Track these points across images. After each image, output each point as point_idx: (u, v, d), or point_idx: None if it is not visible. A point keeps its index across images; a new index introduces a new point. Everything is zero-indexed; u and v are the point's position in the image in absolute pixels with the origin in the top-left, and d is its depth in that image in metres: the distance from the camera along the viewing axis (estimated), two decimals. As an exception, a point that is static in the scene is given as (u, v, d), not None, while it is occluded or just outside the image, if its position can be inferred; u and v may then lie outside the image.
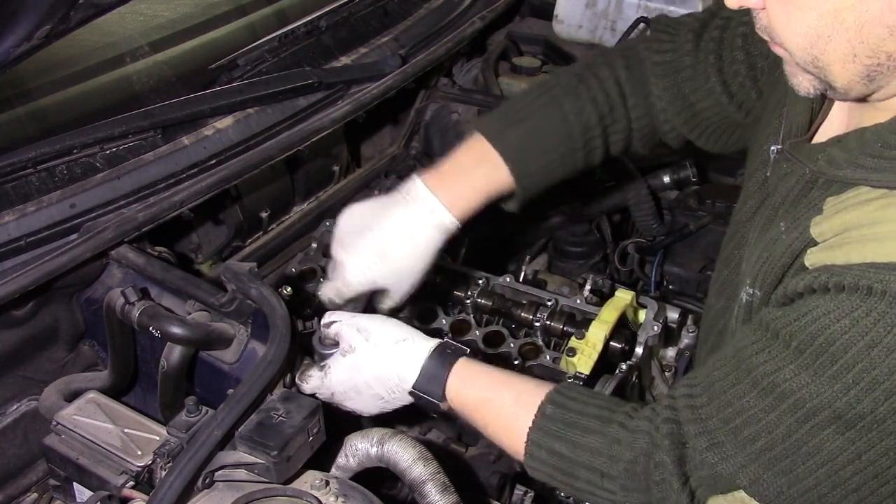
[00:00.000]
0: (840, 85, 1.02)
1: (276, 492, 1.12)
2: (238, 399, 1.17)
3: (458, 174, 1.43)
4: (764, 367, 1.01)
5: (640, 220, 2.19)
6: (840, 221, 1.02)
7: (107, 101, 1.73)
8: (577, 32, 2.55)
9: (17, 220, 1.43)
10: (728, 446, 1.03)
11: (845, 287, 0.95)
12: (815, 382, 0.96)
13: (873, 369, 0.92)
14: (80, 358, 1.58)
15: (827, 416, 0.96)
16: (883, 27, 0.93)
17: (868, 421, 0.93)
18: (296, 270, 1.80)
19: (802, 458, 0.98)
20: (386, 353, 1.29)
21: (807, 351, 0.97)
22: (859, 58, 0.97)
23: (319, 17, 2.03)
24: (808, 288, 0.99)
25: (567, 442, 1.16)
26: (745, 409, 1.02)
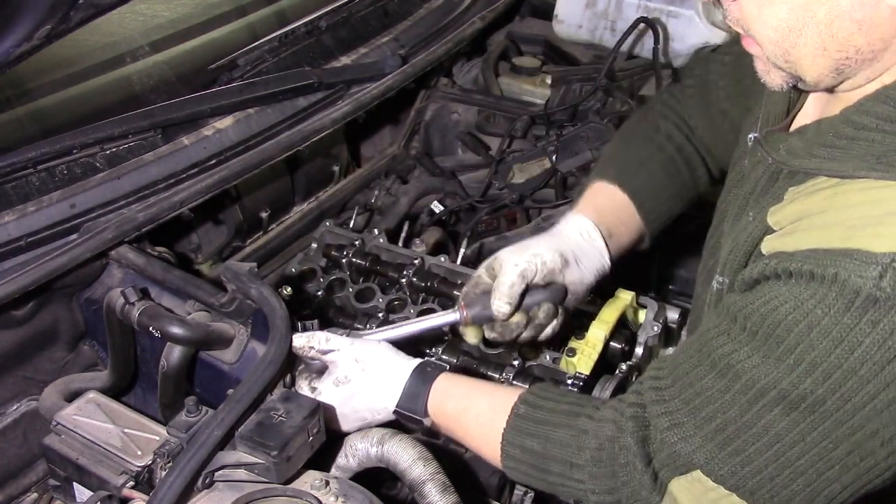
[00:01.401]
0: (810, 78, 1.05)
1: (276, 492, 1.12)
2: (238, 399, 1.17)
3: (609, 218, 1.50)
4: (722, 349, 1.04)
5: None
6: (794, 210, 1.06)
7: (107, 101, 1.74)
8: (577, 32, 2.55)
9: (17, 220, 1.43)
10: (688, 426, 1.05)
11: (792, 273, 0.98)
12: (765, 364, 0.99)
13: (812, 350, 0.95)
14: (80, 358, 1.58)
15: (774, 396, 0.98)
16: (852, 22, 0.96)
17: (810, 402, 0.96)
18: (296, 270, 1.80)
19: (753, 438, 1.01)
20: (376, 380, 1.31)
21: (759, 333, 1.00)
22: (829, 51, 1.00)
23: (319, 17, 2.03)
24: (762, 274, 1.03)
25: (538, 438, 1.19)
26: (704, 390, 1.05)
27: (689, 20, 2.40)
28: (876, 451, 0.97)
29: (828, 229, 0.98)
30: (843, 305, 0.93)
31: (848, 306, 0.92)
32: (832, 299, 0.94)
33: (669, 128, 1.60)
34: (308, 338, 1.31)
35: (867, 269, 0.91)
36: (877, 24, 0.97)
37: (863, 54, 1.00)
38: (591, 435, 1.14)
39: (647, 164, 1.57)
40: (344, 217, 2.00)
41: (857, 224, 0.96)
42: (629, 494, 1.11)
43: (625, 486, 1.11)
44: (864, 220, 0.96)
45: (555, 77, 2.38)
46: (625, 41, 2.32)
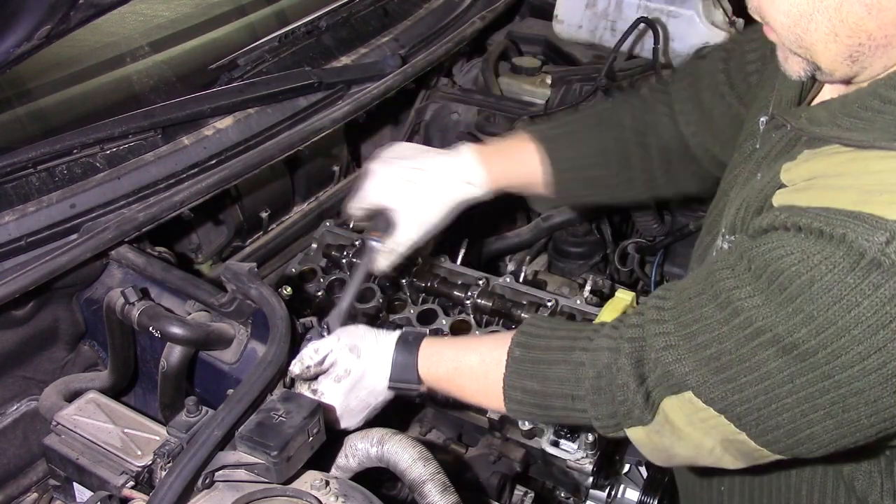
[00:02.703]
0: (825, 65, 1.06)
1: (276, 492, 1.12)
2: (238, 399, 1.17)
3: (500, 153, 1.54)
4: (726, 283, 1.06)
5: (640, 220, 2.19)
6: (808, 168, 1.08)
7: (107, 101, 1.74)
8: (577, 32, 2.55)
9: (17, 220, 1.43)
10: (682, 349, 1.09)
11: (801, 227, 1.00)
12: (765, 306, 1.01)
13: (811, 303, 0.97)
14: (80, 358, 1.58)
15: (769, 337, 1.01)
16: (861, 6, 0.98)
17: (801, 351, 0.98)
18: (296, 270, 1.80)
19: (745, 371, 1.04)
20: (371, 363, 1.33)
21: (763, 276, 1.02)
22: (840, 37, 1.01)
23: (319, 18, 2.03)
24: (772, 225, 1.05)
25: (537, 378, 1.22)
26: (703, 318, 1.08)
27: (689, 20, 2.40)
28: (859, 407, 0.99)
29: (842, 191, 1.00)
30: (847, 265, 0.94)
31: (852, 267, 0.94)
32: (838, 258, 0.95)
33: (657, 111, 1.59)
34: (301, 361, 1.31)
35: (875, 234, 0.93)
36: (886, 8, 0.97)
37: (875, 40, 1.00)
38: (589, 365, 1.18)
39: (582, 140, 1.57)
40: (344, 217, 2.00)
41: (873, 190, 0.97)
42: (624, 413, 1.15)
43: (621, 405, 1.15)
44: (880, 186, 0.97)
45: (555, 77, 2.38)
46: (625, 41, 2.32)
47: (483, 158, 1.51)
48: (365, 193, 1.51)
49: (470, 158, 1.51)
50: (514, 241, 2.20)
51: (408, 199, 1.48)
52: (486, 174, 1.51)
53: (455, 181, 1.50)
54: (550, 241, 2.25)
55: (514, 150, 1.56)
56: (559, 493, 1.62)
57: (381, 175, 1.50)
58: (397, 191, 1.49)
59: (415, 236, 1.49)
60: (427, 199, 1.49)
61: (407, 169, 1.50)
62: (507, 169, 1.54)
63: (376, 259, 1.50)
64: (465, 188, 1.50)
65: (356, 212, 1.53)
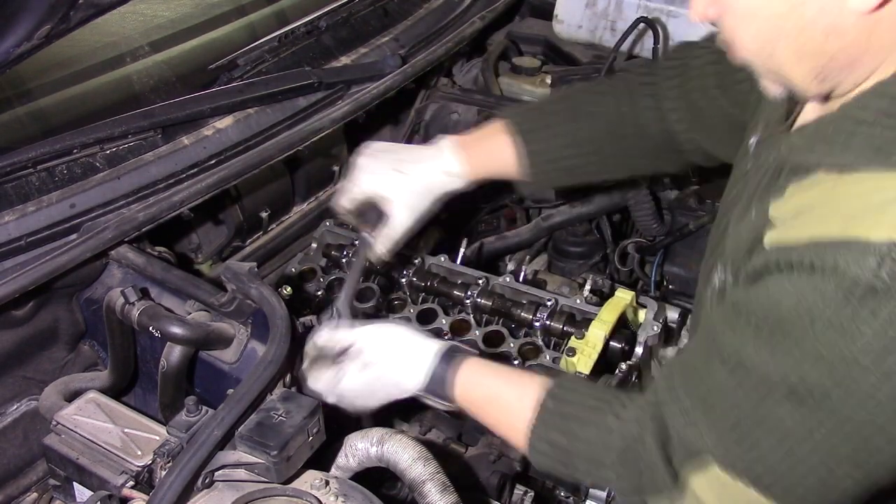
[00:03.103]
0: (797, 85, 1.07)
1: (276, 492, 1.12)
2: (238, 399, 1.17)
3: (477, 143, 1.57)
4: (730, 344, 1.05)
5: (640, 220, 2.19)
6: (795, 203, 1.07)
7: (107, 101, 1.74)
8: (577, 32, 2.55)
9: (17, 220, 1.43)
10: (703, 424, 1.06)
11: (793, 264, 0.98)
12: (772, 358, 0.99)
13: (816, 342, 0.95)
14: (80, 358, 1.58)
15: (783, 391, 0.99)
16: (819, 31, 0.99)
17: (817, 396, 0.96)
18: (296, 270, 1.80)
19: (765, 433, 1.01)
20: (399, 358, 1.32)
21: (764, 327, 1.00)
22: (804, 60, 1.02)
23: (319, 17, 2.03)
24: (765, 267, 1.03)
25: (566, 434, 1.20)
26: (715, 386, 1.06)
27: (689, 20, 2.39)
28: (883, 447, 0.97)
29: (827, 220, 0.99)
30: (843, 296, 0.93)
31: (848, 297, 0.92)
32: (832, 290, 0.94)
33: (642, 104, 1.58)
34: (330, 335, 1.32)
35: (865, 259, 0.92)
36: (844, 31, 0.98)
37: (838, 61, 1.01)
38: (617, 434, 1.16)
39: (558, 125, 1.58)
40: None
41: (856, 213, 0.96)
42: (653, 492, 1.13)
43: (649, 483, 1.12)
44: (862, 209, 0.96)
45: (555, 77, 2.38)
46: (625, 41, 2.32)
47: (461, 150, 1.55)
48: (355, 185, 1.52)
49: (449, 150, 1.55)
50: (514, 241, 2.20)
51: (398, 187, 1.51)
52: (464, 166, 1.54)
53: (437, 172, 1.53)
54: (550, 240, 2.25)
55: (491, 141, 1.58)
56: (559, 492, 1.62)
57: (369, 166, 1.53)
58: (386, 179, 1.51)
59: (408, 222, 1.52)
60: (415, 186, 1.52)
61: (392, 160, 1.53)
62: (484, 161, 1.56)
63: (374, 248, 1.52)
64: (446, 179, 1.54)
65: (347, 204, 1.54)
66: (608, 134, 1.57)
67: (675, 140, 1.58)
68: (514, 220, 2.31)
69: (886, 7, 0.95)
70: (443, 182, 1.54)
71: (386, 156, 1.54)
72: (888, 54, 1.00)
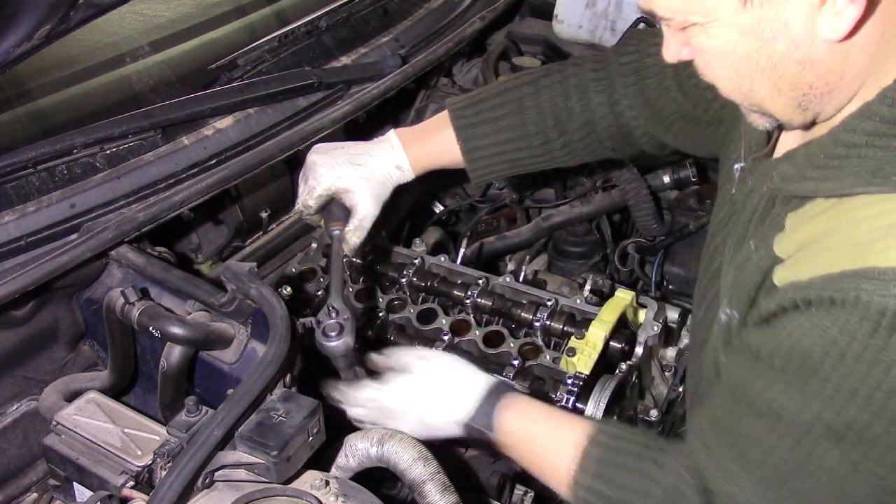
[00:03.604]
0: (779, 116, 1.08)
1: (276, 492, 1.12)
2: (238, 399, 1.17)
3: (422, 138, 1.63)
4: (755, 390, 1.04)
5: (640, 220, 2.19)
6: (798, 237, 1.06)
7: (107, 101, 1.74)
8: (577, 32, 2.55)
9: (17, 220, 1.43)
10: (741, 475, 1.05)
11: (811, 302, 0.97)
12: (803, 398, 0.98)
13: (849, 376, 0.94)
14: (80, 358, 1.58)
15: (819, 430, 0.97)
16: (794, 63, 0.99)
17: (857, 430, 0.95)
18: (296, 270, 1.80)
19: (806, 475, 1.00)
20: (449, 384, 1.33)
21: (789, 368, 0.99)
22: (783, 91, 1.03)
23: (319, 17, 2.02)
24: (780, 307, 1.02)
25: (608, 482, 1.18)
26: (749, 437, 1.04)
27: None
28: None
29: (837, 251, 0.98)
30: (869, 327, 0.92)
31: (875, 327, 0.92)
32: (857, 322, 0.93)
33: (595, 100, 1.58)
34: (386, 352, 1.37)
35: (887, 287, 0.91)
36: (819, 61, 0.99)
37: (818, 89, 1.02)
38: (658, 485, 1.14)
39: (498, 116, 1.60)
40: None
41: (865, 241, 0.96)
42: None
43: None
44: (870, 235, 0.96)
45: (555, 77, 2.38)
46: (625, 41, 2.32)
47: (407, 144, 1.60)
48: (317, 182, 1.55)
49: (397, 144, 1.60)
50: (514, 241, 2.20)
51: (358, 178, 1.55)
52: (412, 159, 1.60)
53: (390, 165, 1.59)
54: (550, 240, 2.25)
55: (438, 135, 1.62)
56: (559, 492, 1.62)
57: (326, 163, 1.56)
58: (346, 172, 1.55)
59: (375, 210, 1.56)
60: (375, 176, 1.57)
61: (347, 155, 1.57)
62: (430, 155, 1.62)
63: (347, 241, 1.55)
64: (397, 172, 1.60)
65: (313, 202, 1.56)
66: (555, 127, 1.59)
67: (629, 134, 1.60)
68: (514, 220, 2.31)
69: (858, 33, 0.96)
70: (396, 175, 1.60)
71: (339, 152, 1.58)
72: (867, 76, 1.01)
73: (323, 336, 1.32)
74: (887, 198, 0.97)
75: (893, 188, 0.96)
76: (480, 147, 1.60)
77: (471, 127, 1.60)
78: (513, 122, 1.60)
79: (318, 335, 1.33)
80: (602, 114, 1.58)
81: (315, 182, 1.55)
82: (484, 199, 2.29)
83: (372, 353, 1.41)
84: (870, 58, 0.99)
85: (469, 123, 1.60)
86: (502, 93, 1.62)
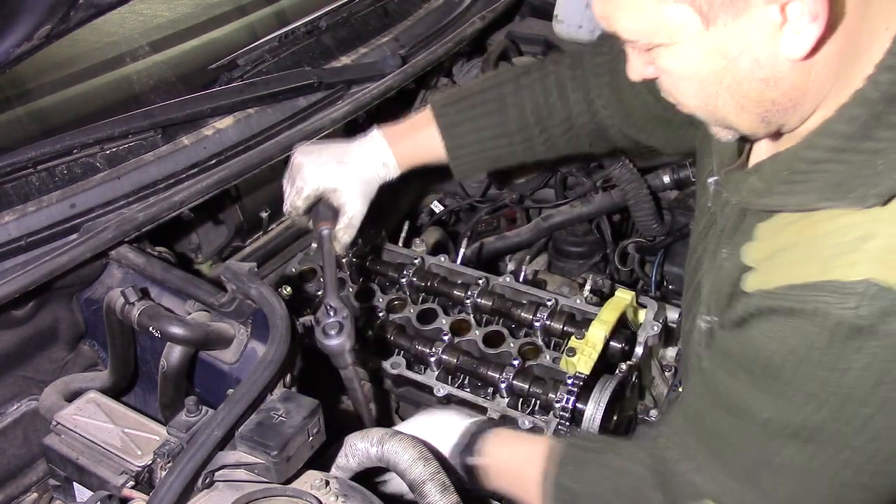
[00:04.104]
0: (744, 131, 1.10)
1: (276, 492, 1.12)
2: (238, 399, 1.17)
3: (406, 135, 1.64)
4: (727, 390, 1.08)
5: (640, 220, 2.19)
6: (768, 247, 1.10)
7: (107, 101, 1.74)
8: (577, 32, 2.55)
9: (17, 220, 1.43)
10: (712, 468, 1.08)
11: (775, 310, 1.02)
12: (768, 399, 1.02)
13: (807, 382, 0.98)
14: (80, 358, 1.58)
15: (786, 432, 1.01)
16: (758, 81, 1.01)
17: (818, 433, 0.99)
18: (296, 270, 1.80)
19: (774, 473, 1.04)
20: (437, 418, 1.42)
21: (756, 371, 1.03)
22: (748, 108, 1.05)
23: (319, 17, 2.02)
24: (747, 312, 1.07)
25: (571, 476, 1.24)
26: (720, 432, 1.08)
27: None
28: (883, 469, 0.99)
29: (803, 263, 1.02)
30: (827, 337, 0.96)
31: (832, 337, 0.96)
32: (815, 333, 0.97)
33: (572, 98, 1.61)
34: None
35: (845, 301, 0.95)
36: (781, 78, 1.01)
37: (781, 105, 1.04)
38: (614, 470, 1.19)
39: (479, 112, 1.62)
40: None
41: (830, 255, 0.99)
42: None
43: None
44: (834, 249, 0.99)
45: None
46: (625, 41, 2.32)
47: (391, 142, 1.62)
48: (304, 183, 1.56)
49: (381, 141, 1.62)
50: (514, 241, 2.20)
51: (345, 177, 1.56)
52: (397, 157, 1.61)
53: (375, 163, 1.60)
54: (550, 240, 2.25)
55: (421, 133, 1.64)
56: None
57: (313, 163, 1.57)
58: (333, 171, 1.56)
59: (363, 209, 1.58)
60: (361, 174, 1.58)
61: (332, 154, 1.58)
62: (413, 151, 1.64)
63: (338, 240, 1.56)
64: (383, 170, 1.61)
65: (301, 203, 1.58)
66: (537, 125, 1.62)
67: (605, 131, 1.63)
68: (514, 220, 2.31)
69: (820, 52, 0.98)
70: (381, 172, 1.61)
71: (324, 152, 1.59)
72: (829, 90, 1.03)
73: (323, 335, 1.33)
74: (849, 213, 1.00)
75: (854, 203, 0.99)
76: (463, 145, 1.63)
77: (454, 126, 1.62)
78: (494, 120, 1.62)
79: (317, 334, 1.33)
80: (579, 111, 1.61)
81: (302, 183, 1.57)
82: (484, 199, 2.29)
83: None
84: (832, 73, 1.01)
85: (452, 122, 1.62)
86: (484, 91, 1.64)
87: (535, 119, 1.61)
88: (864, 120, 0.99)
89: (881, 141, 0.99)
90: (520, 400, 1.52)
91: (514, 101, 1.62)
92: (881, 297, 0.93)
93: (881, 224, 0.97)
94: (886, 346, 0.93)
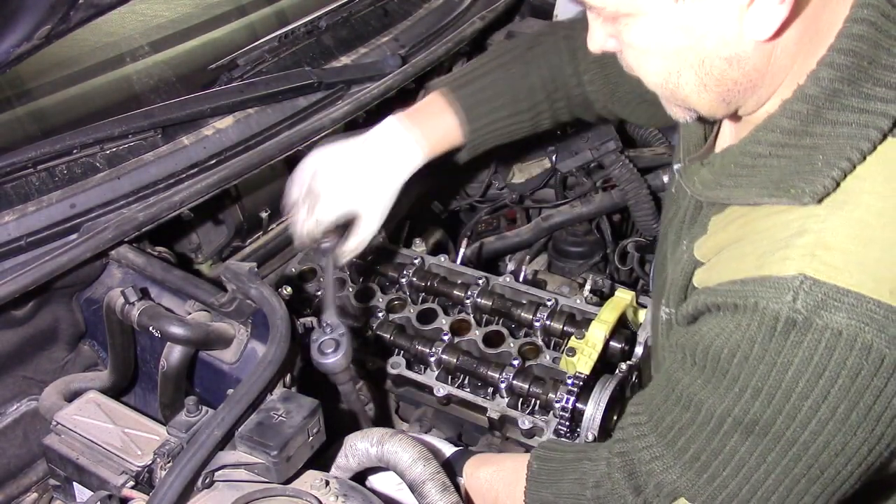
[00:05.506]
0: (703, 111, 1.10)
1: (276, 492, 1.12)
2: (238, 399, 1.17)
3: (424, 119, 1.56)
4: (682, 383, 1.09)
5: (640, 219, 2.19)
6: (716, 241, 1.12)
7: (107, 101, 1.74)
8: (576, 32, 2.55)
9: (17, 220, 1.43)
10: (667, 458, 1.10)
11: (719, 306, 1.04)
12: (718, 393, 1.03)
13: (752, 376, 0.99)
14: (80, 358, 1.58)
15: (731, 423, 1.03)
16: (721, 60, 1.02)
17: (762, 425, 1.00)
18: (296, 270, 1.80)
19: (723, 464, 1.05)
20: None
21: (706, 366, 1.05)
22: (709, 87, 1.05)
23: (319, 17, 2.02)
24: (696, 308, 1.09)
25: (551, 487, 1.26)
26: (675, 423, 1.10)
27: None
28: (833, 461, 1.00)
29: (742, 259, 1.04)
30: (767, 332, 0.98)
31: (771, 332, 0.97)
32: (756, 328, 0.98)
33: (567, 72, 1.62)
34: None
35: (781, 295, 0.96)
36: (745, 58, 1.02)
37: (742, 85, 1.04)
38: (590, 474, 1.21)
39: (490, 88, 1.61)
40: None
41: (766, 251, 1.01)
42: None
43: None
44: (771, 245, 1.01)
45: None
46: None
47: (414, 125, 1.53)
48: (323, 215, 1.48)
49: (400, 127, 1.53)
50: (514, 241, 2.20)
51: (370, 202, 1.49)
52: (423, 148, 1.52)
53: (402, 164, 1.51)
54: (550, 240, 2.25)
55: (440, 120, 1.57)
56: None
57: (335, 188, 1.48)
58: (357, 198, 1.48)
59: (377, 226, 1.52)
60: (388, 192, 1.50)
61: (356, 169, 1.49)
62: (439, 140, 1.55)
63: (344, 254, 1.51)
64: (409, 167, 1.52)
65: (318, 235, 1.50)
66: (545, 100, 1.63)
67: (591, 104, 1.66)
68: (514, 220, 2.31)
69: (783, 35, 0.99)
70: (406, 170, 1.52)
71: (346, 167, 1.50)
72: (786, 74, 1.04)
73: (319, 353, 1.33)
74: (788, 209, 1.02)
75: (793, 200, 1.01)
76: (480, 128, 1.60)
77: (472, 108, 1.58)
78: (508, 98, 1.61)
79: (313, 353, 1.33)
80: (571, 83, 1.63)
81: (322, 215, 1.48)
82: (484, 199, 2.29)
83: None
84: (790, 58, 1.03)
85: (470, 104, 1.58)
86: (496, 68, 1.63)
87: (544, 95, 1.63)
88: (804, 115, 1.01)
89: (819, 137, 1.01)
90: (520, 400, 1.52)
91: (526, 80, 1.62)
92: (814, 290, 0.95)
93: (814, 220, 0.99)
94: (822, 339, 0.95)
